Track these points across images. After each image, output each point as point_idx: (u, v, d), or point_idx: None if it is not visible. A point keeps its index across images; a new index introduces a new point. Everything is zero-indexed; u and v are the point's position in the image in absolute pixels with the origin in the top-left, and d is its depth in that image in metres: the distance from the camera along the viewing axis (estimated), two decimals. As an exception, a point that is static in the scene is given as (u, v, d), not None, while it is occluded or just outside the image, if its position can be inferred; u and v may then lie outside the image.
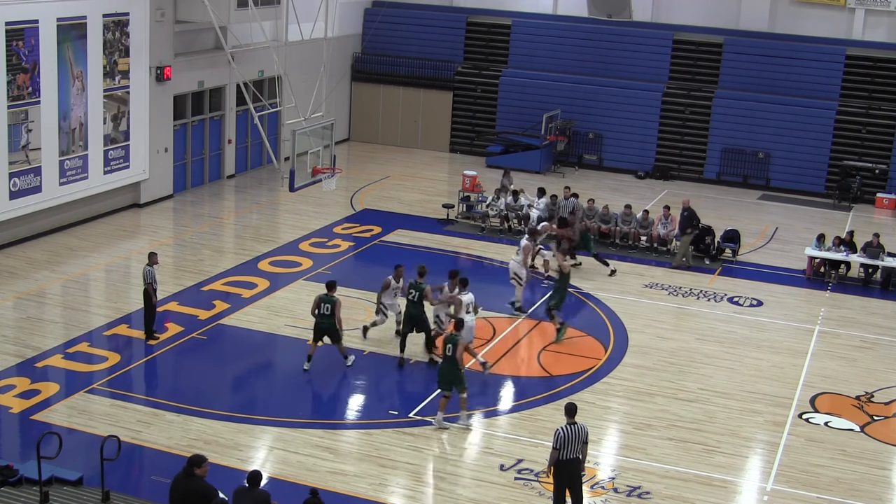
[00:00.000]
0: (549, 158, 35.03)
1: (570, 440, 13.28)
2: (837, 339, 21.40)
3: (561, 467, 13.40)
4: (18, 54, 23.04)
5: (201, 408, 16.65)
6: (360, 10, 38.12)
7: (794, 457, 16.25)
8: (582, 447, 13.40)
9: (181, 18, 28.42)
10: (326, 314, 18.01)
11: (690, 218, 25.40)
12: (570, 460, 13.36)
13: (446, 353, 16.49)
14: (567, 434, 13.28)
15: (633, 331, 21.13)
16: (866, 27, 33.91)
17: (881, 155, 33.31)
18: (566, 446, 13.28)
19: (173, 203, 28.72)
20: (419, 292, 18.77)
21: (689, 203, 25.79)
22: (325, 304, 18.03)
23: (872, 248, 24.93)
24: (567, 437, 13.27)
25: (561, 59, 36.34)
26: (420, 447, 15.86)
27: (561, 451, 13.29)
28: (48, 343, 18.82)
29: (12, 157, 23.29)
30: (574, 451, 13.34)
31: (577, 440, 13.32)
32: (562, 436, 13.28)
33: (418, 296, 18.76)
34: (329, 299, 18.07)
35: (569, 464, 13.37)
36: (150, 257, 19.22)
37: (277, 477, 14.65)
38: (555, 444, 13.33)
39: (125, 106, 26.70)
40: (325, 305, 18.01)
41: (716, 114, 34.66)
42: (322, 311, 18.03)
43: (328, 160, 25.30)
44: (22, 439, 15.52)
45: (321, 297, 18.16)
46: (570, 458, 13.34)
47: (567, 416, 13.58)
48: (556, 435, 13.35)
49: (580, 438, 13.35)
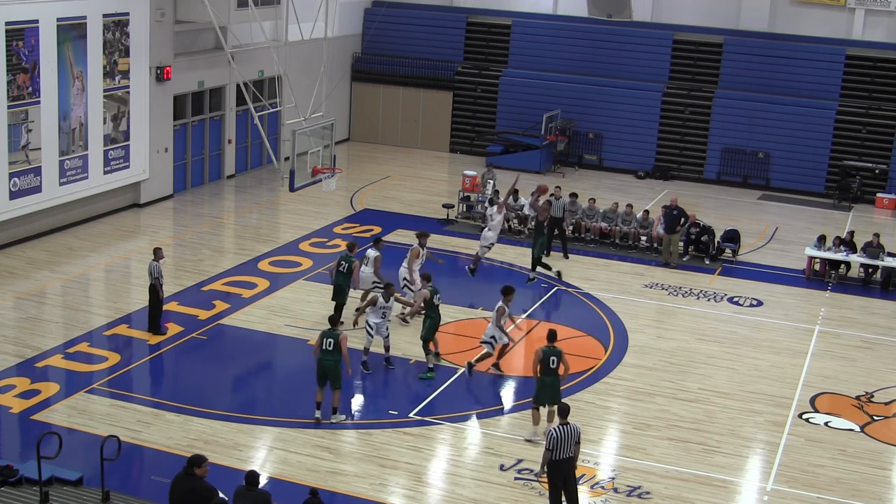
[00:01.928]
0: (549, 158, 35.03)
1: (563, 441, 13.40)
2: (837, 339, 21.40)
3: (554, 467, 13.50)
4: (18, 54, 23.05)
5: (201, 408, 16.65)
6: (360, 10, 38.12)
7: (794, 457, 16.25)
8: (574, 447, 13.50)
9: (181, 18, 28.42)
10: (329, 350, 16.10)
11: (679, 216, 25.44)
12: (564, 460, 13.46)
13: (550, 365, 16.02)
14: (560, 435, 13.40)
15: (633, 331, 21.13)
16: (866, 27, 33.90)
17: (881, 155, 33.31)
18: (559, 447, 13.40)
19: (173, 203, 28.72)
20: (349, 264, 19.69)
21: (676, 201, 25.86)
22: (327, 339, 16.15)
23: (872, 248, 24.93)
24: (560, 438, 13.39)
25: (561, 59, 36.34)
26: (420, 447, 15.86)
27: (554, 452, 13.40)
28: (48, 343, 18.82)
29: (12, 157, 23.29)
30: (567, 451, 13.45)
31: (569, 440, 13.44)
32: (555, 437, 13.39)
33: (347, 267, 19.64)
34: (332, 334, 16.17)
35: (562, 463, 13.48)
36: (156, 252, 19.28)
37: (277, 477, 14.65)
38: (547, 445, 13.44)
39: (125, 106, 26.70)
40: (328, 340, 16.12)
41: (716, 114, 34.67)
42: (325, 346, 16.14)
43: (328, 160, 25.30)
44: (22, 439, 15.52)
45: (324, 332, 16.28)
46: (563, 457, 13.44)
47: (560, 416, 13.72)
48: (550, 436, 13.45)
49: (573, 439, 13.46)
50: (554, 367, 16.08)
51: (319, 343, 16.23)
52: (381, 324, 18.37)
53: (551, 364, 16.05)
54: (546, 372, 16.06)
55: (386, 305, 18.32)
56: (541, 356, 16.04)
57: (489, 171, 29.39)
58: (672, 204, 25.74)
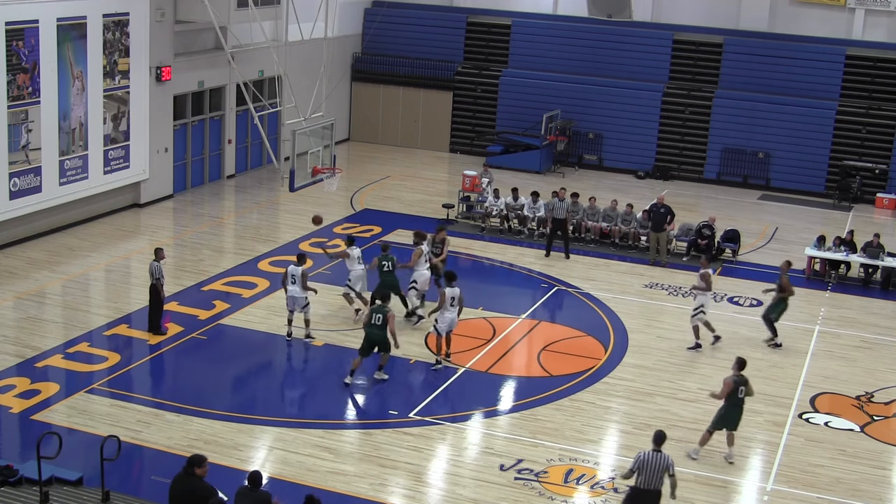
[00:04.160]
0: (549, 158, 35.03)
1: (650, 466, 12.88)
2: (837, 339, 21.40)
3: (638, 498, 13.05)
4: (18, 54, 23.04)
5: (201, 408, 16.65)
6: (360, 10, 38.12)
7: (794, 457, 16.25)
8: (663, 478, 12.89)
9: (181, 18, 28.42)
10: (378, 324, 17.60)
11: (666, 214, 25.48)
12: (649, 492, 12.93)
13: (738, 394, 15.70)
14: (648, 459, 12.91)
15: (633, 331, 21.13)
16: (866, 27, 33.90)
17: (881, 155, 33.31)
18: (644, 471, 12.89)
19: (173, 203, 28.73)
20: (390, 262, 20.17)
21: (663, 199, 25.92)
22: (376, 314, 17.65)
23: (872, 248, 24.93)
24: (647, 462, 12.89)
25: (561, 59, 36.34)
26: (420, 447, 15.86)
27: (638, 476, 12.92)
28: (48, 343, 18.82)
29: (12, 157, 23.29)
30: (654, 481, 12.90)
31: (658, 467, 12.88)
32: (641, 459, 12.94)
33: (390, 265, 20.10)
34: (382, 310, 17.69)
35: (646, 495, 12.97)
36: (157, 252, 19.30)
37: (277, 477, 14.65)
38: (632, 466, 13.03)
39: (125, 106, 26.70)
40: (377, 316, 17.64)
41: (716, 114, 34.67)
42: (374, 320, 17.63)
43: (328, 160, 25.31)
44: (22, 439, 15.52)
45: (374, 308, 17.92)
46: (649, 488, 12.92)
47: (654, 443, 13.15)
48: (637, 457, 13.06)
49: (662, 467, 12.89)
50: (742, 396, 15.80)
51: (369, 318, 17.79)
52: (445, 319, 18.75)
53: (739, 394, 15.78)
54: (733, 401, 15.77)
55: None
56: (731, 385, 15.74)
57: (485, 171, 29.48)
58: (659, 202, 25.77)
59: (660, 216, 25.50)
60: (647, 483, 12.95)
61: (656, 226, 25.55)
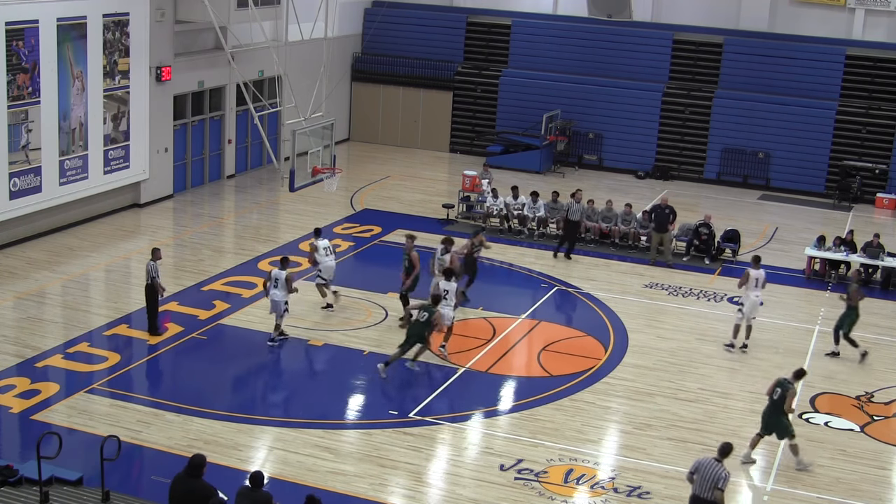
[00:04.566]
0: (549, 158, 35.03)
1: (704, 472, 12.90)
2: (837, 339, 21.39)
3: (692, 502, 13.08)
4: (18, 54, 23.04)
5: (201, 408, 16.65)
6: (360, 10, 38.12)
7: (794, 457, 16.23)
8: (712, 490, 12.82)
9: (181, 18, 28.42)
10: (422, 321, 18.04)
11: (670, 214, 25.50)
12: (699, 498, 12.93)
13: (773, 396, 15.70)
14: (704, 465, 12.96)
15: (633, 331, 21.13)
16: (866, 27, 33.91)
17: (881, 155, 33.31)
18: (698, 475, 12.94)
19: (173, 203, 28.72)
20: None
21: (667, 200, 25.90)
22: (422, 311, 18.06)
23: (872, 248, 24.93)
24: (701, 466, 12.96)
25: (561, 59, 36.34)
26: (420, 447, 15.85)
27: (694, 476, 13.00)
28: (48, 343, 18.81)
29: (12, 157, 23.28)
30: (704, 490, 12.89)
31: (710, 478, 12.84)
32: (698, 462, 13.04)
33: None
34: (429, 309, 18.09)
35: (697, 501, 12.97)
36: (154, 253, 19.30)
37: (277, 477, 14.65)
38: (691, 468, 13.12)
39: (125, 106, 26.70)
40: (423, 314, 18.04)
41: (716, 114, 34.67)
42: (419, 317, 18.07)
43: (328, 160, 25.30)
44: (22, 439, 15.52)
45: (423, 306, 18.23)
46: (698, 495, 12.94)
47: (718, 453, 13.14)
48: (697, 459, 13.18)
49: (713, 478, 12.80)
50: (776, 398, 15.67)
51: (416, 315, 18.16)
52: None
53: (774, 395, 15.70)
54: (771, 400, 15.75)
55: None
56: (771, 386, 15.82)
57: (485, 171, 29.49)
58: (663, 203, 25.77)
59: (663, 217, 25.50)
60: (699, 489, 12.97)
61: (659, 226, 25.54)
